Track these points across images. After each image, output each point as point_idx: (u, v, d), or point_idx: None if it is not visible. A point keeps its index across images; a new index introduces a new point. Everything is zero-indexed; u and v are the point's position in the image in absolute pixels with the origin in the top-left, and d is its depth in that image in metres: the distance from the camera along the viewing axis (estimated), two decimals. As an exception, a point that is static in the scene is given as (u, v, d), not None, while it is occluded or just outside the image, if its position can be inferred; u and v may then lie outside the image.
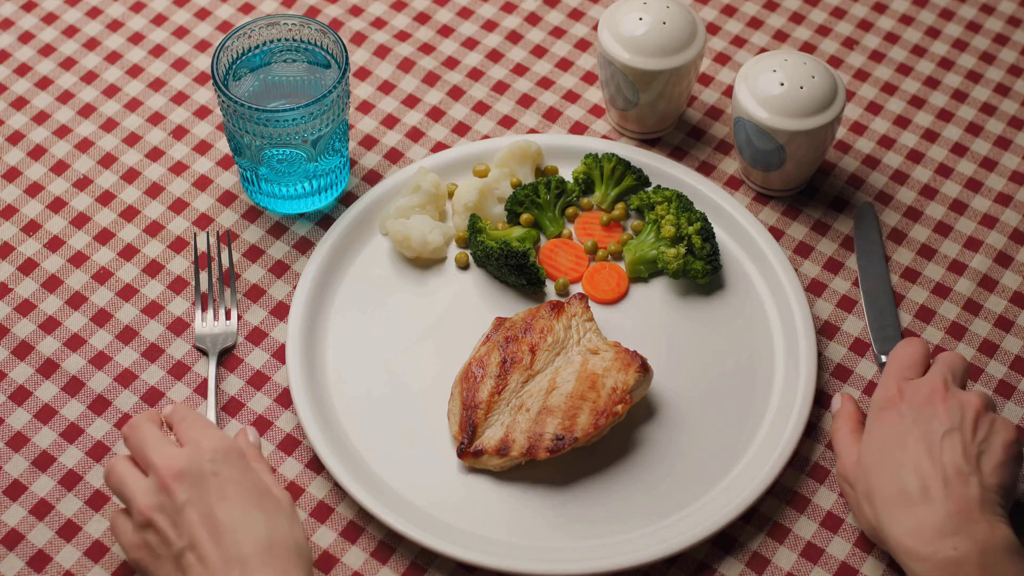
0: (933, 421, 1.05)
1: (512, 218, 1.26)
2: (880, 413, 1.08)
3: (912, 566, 1.01)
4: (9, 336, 1.21)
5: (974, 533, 1.00)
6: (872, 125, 1.36)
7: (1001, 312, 1.25)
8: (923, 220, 1.30)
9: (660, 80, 1.26)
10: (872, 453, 1.06)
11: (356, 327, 1.21)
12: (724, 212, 1.27)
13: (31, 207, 1.28)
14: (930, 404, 1.06)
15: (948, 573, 0.99)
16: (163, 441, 1.02)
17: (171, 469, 0.99)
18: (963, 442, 1.04)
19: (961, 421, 1.05)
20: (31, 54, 1.38)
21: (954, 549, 0.99)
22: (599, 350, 1.15)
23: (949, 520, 1.00)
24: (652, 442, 1.16)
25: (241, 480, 1.00)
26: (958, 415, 1.05)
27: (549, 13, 1.43)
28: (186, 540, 0.97)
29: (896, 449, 1.05)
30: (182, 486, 0.98)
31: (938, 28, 1.43)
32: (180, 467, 0.99)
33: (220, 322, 1.21)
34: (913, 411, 1.06)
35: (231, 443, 1.02)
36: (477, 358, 1.15)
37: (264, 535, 0.98)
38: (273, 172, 1.23)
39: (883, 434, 1.07)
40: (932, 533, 1.01)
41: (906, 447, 1.04)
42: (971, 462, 1.03)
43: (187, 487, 0.98)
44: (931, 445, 1.04)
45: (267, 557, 0.97)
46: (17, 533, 1.12)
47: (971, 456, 1.03)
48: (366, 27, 1.42)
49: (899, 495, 1.03)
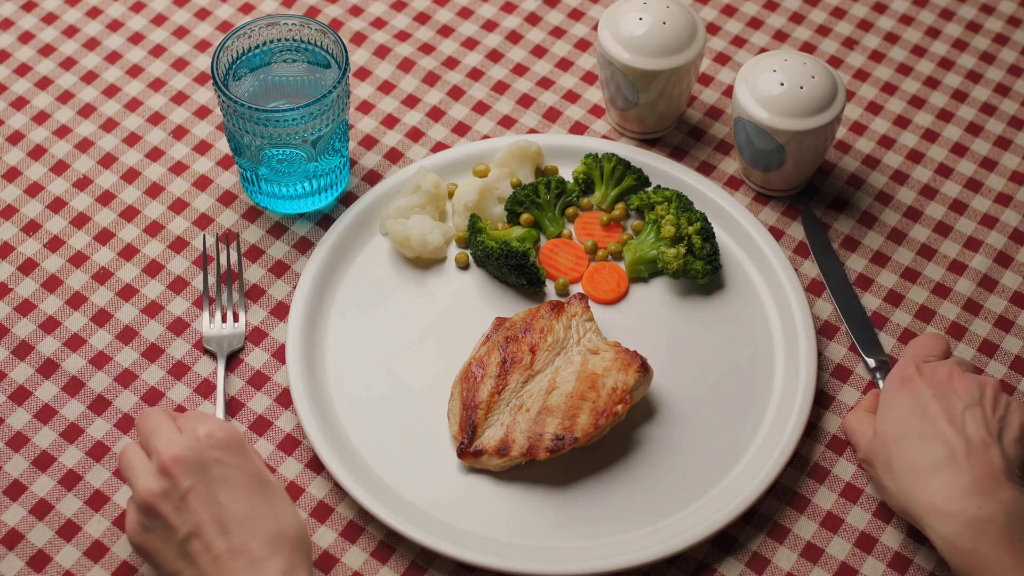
0: (952, 396, 1.08)
1: (512, 218, 1.26)
2: (898, 388, 1.11)
3: (938, 527, 1.03)
4: (9, 336, 1.21)
5: (999, 495, 1.03)
6: (872, 125, 1.36)
7: (1001, 312, 1.25)
8: (923, 220, 1.30)
9: (660, 80, 1.26)
10: (892, 425, 1.09)
11: (356, 327, 1.21)
12: (724, 212, 1.27)
13: (31, 207, 1.28)
14: (949, 382, 1.09)
15: (975, 530, 1.02)
16: (168, 427, 1.02)
17: (170, 453, 0.99)
18: (984, 415, 1.07)
19: (980, 398, 1.08)
20: (31, 54, 1.38)
21: (979, 508, 1.02)
22: (599, 350, 1.15)
23: (976, 482, 1.03)
24: (652, 442, 1.16)
25: (243, 467, 1.00)
26: (977, 392, 1.08)
27: (549, 13, 1.43)
28: (190, 527, 0.97)
29: (918, 420, 1.08)
30: (184, 471, 0.98)
31: (938, 28, 1.43)
32: (180, 452, 0.99)
33: (228, 324, 1.21)
34: (932, 387, 1.09)
35: (232, 430, 1.02)
36: (477, 358, 1.15)
37: (271, 525, 0.98)
38: (273, 172, 1.23)
39: (902, 408, 1.09)
40: (960, 492, 1.03)
41: (928, 418, 1.07)
42: (992, 434, 1.06)
43: (189, 472, 0.98)
44: (953, 416, 1.07)
45: (274, 547, 0.97)
46: (17, 533, 1.12)
47: (992, 429, 1.07)
48: (366, 27, 1.42)
49: (924, 461, 1.06)
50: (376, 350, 1.20)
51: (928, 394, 1.09)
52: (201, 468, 0.99)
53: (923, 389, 1.09)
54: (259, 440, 1.16)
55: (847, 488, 1.15)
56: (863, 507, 1.14)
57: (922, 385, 1.09)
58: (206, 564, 0.96)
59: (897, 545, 1.13)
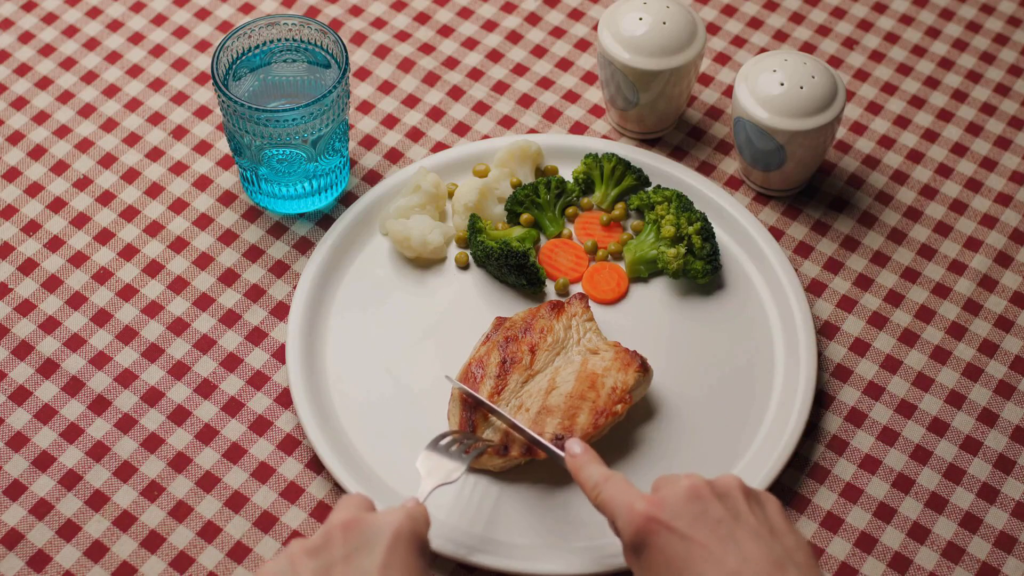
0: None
1: (512, 218, 1.26)
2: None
3: None
4: (9, 336, 1.21)
5: None
6: (872, 125, 1.36)
7: (1001, 312, 1.25)
8: (923, 220, 1.30)
9: (660, 80, 1.26)
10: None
11: (356, 327, 1.21)
12: (724, 212, 1.27)
13: (31, 207, 1.28)
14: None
15: None
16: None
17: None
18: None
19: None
20: (31, 54, 1.38)
21: None
22: (599, 350, 1.15)
23: None
24: (652, 442, 1.16)
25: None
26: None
27: (549, 13, 1.43)
28: None
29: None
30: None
31: (938, 28, 1.43)
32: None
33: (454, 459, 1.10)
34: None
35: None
36: (477, 358, 1.15)
37: None
38: (273, 172, 1.23)
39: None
40: None
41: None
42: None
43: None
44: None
45: None
46: (17, 533, 1.12)
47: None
48: (366, 27, 1.42)
49: None
50: (376, 350, 1.20)
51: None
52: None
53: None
54: (259, 440, 1.16)
55: (847, 488, 1.15)
56: (863, 507, 1.14)
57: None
58: None
59: (897, 545, 1.13)
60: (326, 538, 0.92)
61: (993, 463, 1.17)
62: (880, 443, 1.17)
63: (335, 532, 0.92)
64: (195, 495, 1.14)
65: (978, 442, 1.18)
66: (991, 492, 1.15)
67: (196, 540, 1.12)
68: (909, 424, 1.18)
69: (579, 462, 1.02)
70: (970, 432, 1.18)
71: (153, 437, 1.16)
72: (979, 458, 1.17)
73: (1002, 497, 1.15)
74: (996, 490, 1.16)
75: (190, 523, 1.12)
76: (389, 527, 0.93)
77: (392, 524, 0.93)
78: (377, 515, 0.94)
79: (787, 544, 0.94)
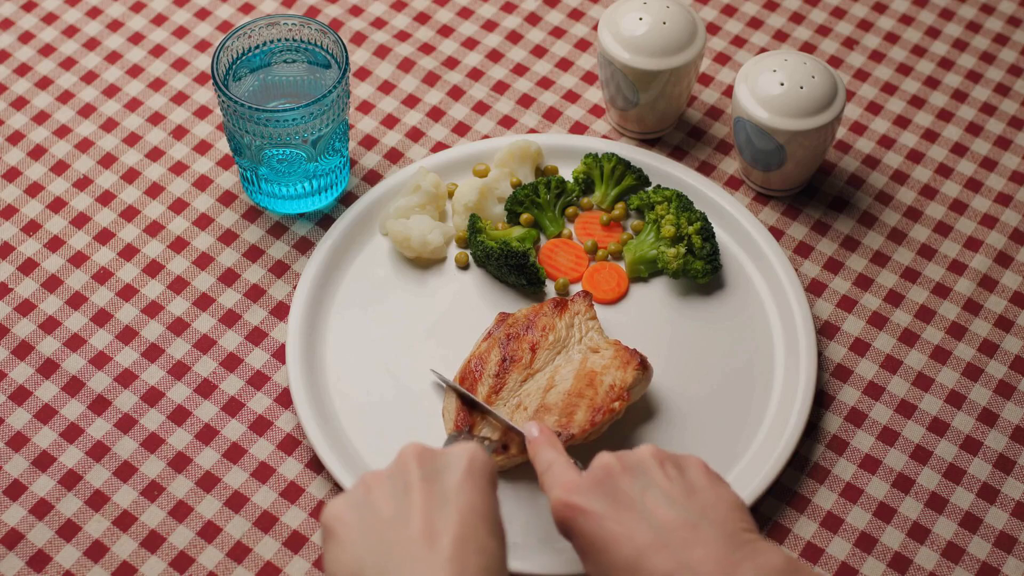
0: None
1: (512, 218, 1.26)
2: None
3: None
4: (9, 336, 1.21)
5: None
6: (872, 125, 1.36)
7: (1001, 312, 1.25)
8: (923, 220, 1.30)
9: (660, 80, 1.26)
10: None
11: (356, 327, 1.21)
12: (724, 212, 1.27)
13: (31, 207, 1.28)
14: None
15: None
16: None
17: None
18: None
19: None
20: (31, 54, 1.38)
21: None
22: (599, 348, 1.15)
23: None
24: (652, 442, 1.15)
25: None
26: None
27: (549, 13, 1.43)
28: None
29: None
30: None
31: (938, 28, 1.43)
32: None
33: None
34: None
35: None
36: (478, 354, 1.15)
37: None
38: (273, 172, 1.23)
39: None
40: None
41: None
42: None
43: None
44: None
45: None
46: (17, 533, 1.12)
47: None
48: (366, 27, 1.42)
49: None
50: (376, 350, 1.20)
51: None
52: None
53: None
54: (259, 440, 1.16)
55: (847, 488, 1.15)
56: (863, 507, 1.14)
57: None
58: None
59: (897, 545, 1.13)
60: (401, 465, 0.93)
61: (993, 463, 1.17)
62: (880, 443, 1.17)
63: (410, 459, 0.93)
64: (195, 495, 1.14)
65: (978, 442, 1.18)
66: (991, 492, 1.15)
67: (196, 540, 1.12)
68: (909, 424, 1.19)
69: (533, 447, 1.04)
70: (970, 432, 1.18)
71: (153, 437, 1.16)
72: (979, 458, 1.17)
73: (1002, 497, 1.15)
74: (996, 490, 1.16)
75: (190, 523, 1.12)
76: (465, 453, 0.94)
77: (467, 451, 0.94)
78: (449, 447, 0.96)
79: (704, 501, 0.94)
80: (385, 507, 0.91)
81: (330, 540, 0.91)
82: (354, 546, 0.89)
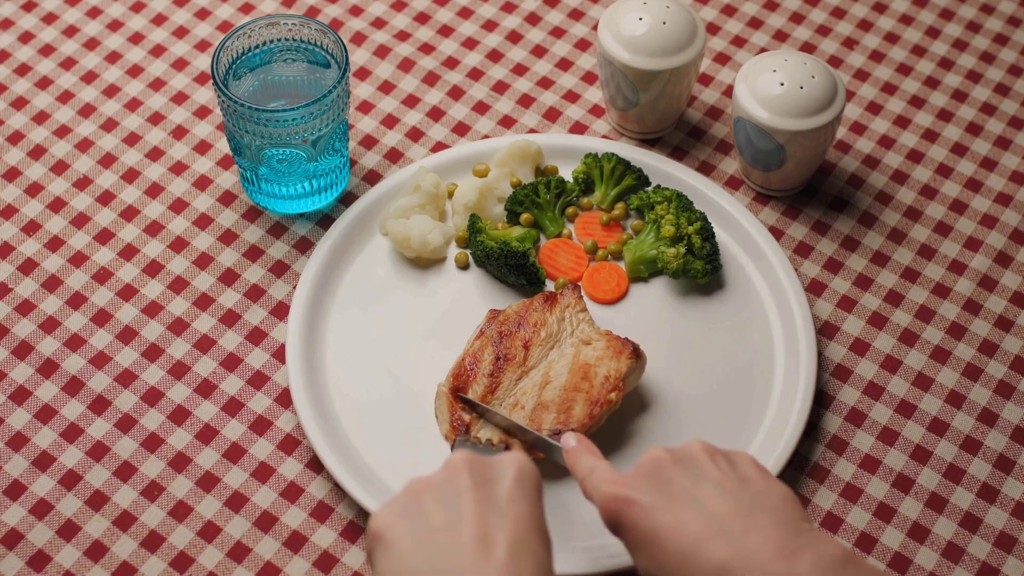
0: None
1: (512, 218, 1.26)
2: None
3: None
4: (9, 336, 1.21)
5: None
6: (872, 125, 1.36)
7: (1001, 312, 1.25)
8: (923, 220, 1.30)
9: (660, 80, 1.26)
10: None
11: (356, 327, 1.21)
12: (724, 212, 1.27)
13: (31, 207, 1.28)
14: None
15: None
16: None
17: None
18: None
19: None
20: (31, 54, 1.38)
21: None
22: (591, 340, 1.15)
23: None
24: (652, 442, 1.15)
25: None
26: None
27: (549, 13, 1.43)
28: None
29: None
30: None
31: (938, 28, 1.43)
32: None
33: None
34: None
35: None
36: (471, 353, 1.15)
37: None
38: (273, 172, 1.23)
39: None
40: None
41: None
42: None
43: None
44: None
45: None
46: (17, 533, 1.12)
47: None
48: (366, 27, 1.42)
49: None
50: (376, 350, 1.20)
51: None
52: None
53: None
54: (259, 440, 1.16)
55: (847, 488, 1.15)
56: (863, 507, 1.14)
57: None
58: None
59: (897, 545, 1.13)
60: (450, 473, 0.93)
61: (993, 463, 1.17)
62: (880, 443, 1.17)
63: (459, 467, 0.93)
64: (195, 495, 1.14)
65: (978, 442, 1.18)
66: (991, 492, 1.15)
67: (196, 540, 1.12)
68: (909, 424, 1.19)
69: (572, 455, 1.03)
70: (970, 432, 1.18)
71: (153, 437, 1.16)
72: (979, 458, 1.17)
73: (1002, 497, 1.15)
74: (996, 490, 1.16)
75: (190, 523, 1.12)
76: (514, 462, 0.94)
77: (516, 460, 0.94)
78: (497, 455, 0.95)
79: (757, 491, 0.94)
80: (436, 514, 0.90)
81: (380, 548, 0.90)
82: (406, 554, 0.89)
